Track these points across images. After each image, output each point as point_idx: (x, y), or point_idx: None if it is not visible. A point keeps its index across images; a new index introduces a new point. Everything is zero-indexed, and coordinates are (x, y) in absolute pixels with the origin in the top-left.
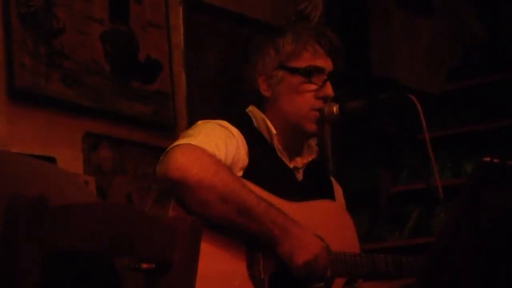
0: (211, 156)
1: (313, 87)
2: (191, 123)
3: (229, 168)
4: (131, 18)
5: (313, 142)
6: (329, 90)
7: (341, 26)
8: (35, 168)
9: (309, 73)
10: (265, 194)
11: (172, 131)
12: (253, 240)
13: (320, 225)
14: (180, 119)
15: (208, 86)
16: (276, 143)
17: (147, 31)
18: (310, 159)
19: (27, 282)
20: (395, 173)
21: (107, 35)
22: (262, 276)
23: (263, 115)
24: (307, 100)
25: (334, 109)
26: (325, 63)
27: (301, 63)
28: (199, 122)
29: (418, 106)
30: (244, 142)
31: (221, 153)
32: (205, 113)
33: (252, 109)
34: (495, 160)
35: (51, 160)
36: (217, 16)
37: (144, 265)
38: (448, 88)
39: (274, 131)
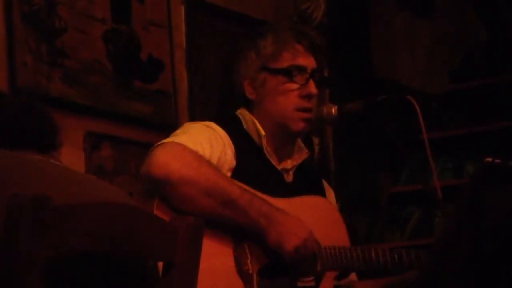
0: (193, 152)
1: (296, 86)
2: None
3: (211, 163)
4: (133, 17)
5: (303, 144)
6: (311, 88)
7: (343, 26)
8: (37, 167)
9: (290, 72)
10: (253, 192)
11: (173, 130)
12: (240, 234)
13: (309, 219)
14: (182, 118)
15: (210, 85)
16: (265, 145)
17: (149, 31)
18: (300, 160)
19: (28, 283)
20: (395, 174)
21: (108, 34)
22: (250, 271)
23: (252, 117)
24: (290, 100)
25: (333, 110)
26: (307, 62)
27: (282, 64)
28: (186, 123)
29: (417, 107)
30: (231, 143)
31: (205, 152)
32: (206, 112)
33: (241, 111)
34: (497, 161)
35: None
36: (219, 16)
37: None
38: (449, 89)
39: (263, 133)
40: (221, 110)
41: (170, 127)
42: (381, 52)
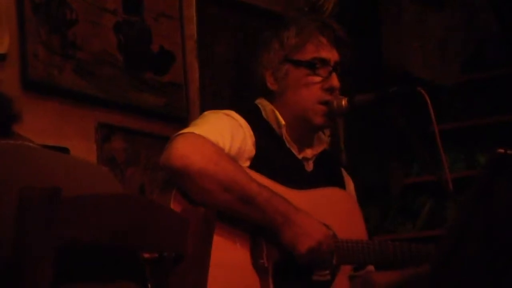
0: (213, 145)
1: (318, 79)
2: None
3: (232, 157)
4: (144, 9)
5: (322, 134)
6: (334, 81)
7: (353, 18)
8: (50, 160)
9: (313, 65)
10: (271, 184)
11: (184, 122)
12: (256, 228)
13: (327, 212)
14: (193, 110)
15: (221, 77)
16: (285, 134)
17: (160, 22)
18: (320, 150)
19: (38, 274)
20: (406, 165)
21: (120, 25)
22: (266, 265)
23: (272, 107)
24: (313, 92)
25: (343, 102)
26: (330, 54)
27: (305, 56)
28: (206, 112)
29: (428, 99)
30: (251, 132)
31: (225, 143)
32: (218, 104)
33: (261, 101)
34: (509, 152)
35: (65, 150)
36: (230, 7)
37: (157, 256)
38: (461, 80)
39: (283, 122)
40: (235, 99)
41: (181, 119)
42: (392, 44)
